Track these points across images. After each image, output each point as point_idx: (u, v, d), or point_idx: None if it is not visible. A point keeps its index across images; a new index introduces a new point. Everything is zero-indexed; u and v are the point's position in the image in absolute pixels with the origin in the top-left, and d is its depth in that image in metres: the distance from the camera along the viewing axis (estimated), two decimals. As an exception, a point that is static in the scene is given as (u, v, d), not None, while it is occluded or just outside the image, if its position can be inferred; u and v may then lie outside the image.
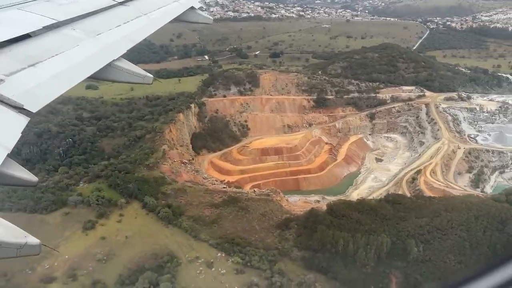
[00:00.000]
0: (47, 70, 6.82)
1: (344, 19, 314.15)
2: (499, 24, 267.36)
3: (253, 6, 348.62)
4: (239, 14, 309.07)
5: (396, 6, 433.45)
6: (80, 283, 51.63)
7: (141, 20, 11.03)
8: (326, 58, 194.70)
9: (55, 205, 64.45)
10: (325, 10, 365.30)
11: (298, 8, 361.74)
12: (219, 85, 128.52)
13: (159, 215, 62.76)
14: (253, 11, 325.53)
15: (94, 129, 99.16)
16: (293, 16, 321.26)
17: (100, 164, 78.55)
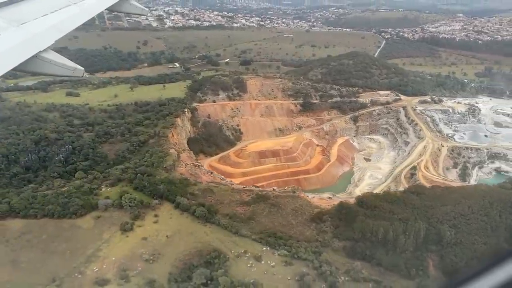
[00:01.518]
0: None
1: (303, 29, 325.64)
2: (445, 35, 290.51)
3: (213, 15, 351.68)
4: (201, 23, 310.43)
5: (347, 17, 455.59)
6: (134, 283, 51.20)
7: (71, 9, 10.45)
8: (296, 66, 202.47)
9: (84, 209, 62.86)
10: (283, 20, 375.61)
11: (256, 18, 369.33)
12: (207, 90, 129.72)
13: (195, 214, 63.28)
14: (214, 20, 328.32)
15: (92, 135, 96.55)
16: (254, 25, 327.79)
17: (117, 168, 77.01)
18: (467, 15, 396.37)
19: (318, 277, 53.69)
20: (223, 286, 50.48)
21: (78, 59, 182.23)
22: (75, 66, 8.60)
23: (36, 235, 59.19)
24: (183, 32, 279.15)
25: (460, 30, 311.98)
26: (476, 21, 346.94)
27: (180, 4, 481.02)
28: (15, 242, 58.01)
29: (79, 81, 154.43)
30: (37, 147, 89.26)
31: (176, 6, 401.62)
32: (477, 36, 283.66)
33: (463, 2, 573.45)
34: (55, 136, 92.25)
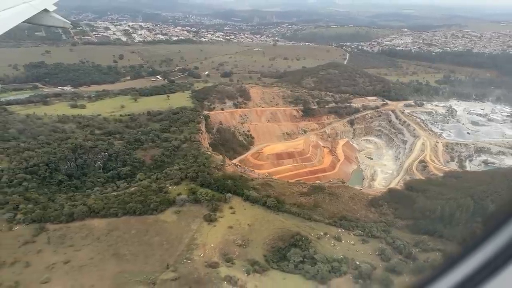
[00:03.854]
0: None
1: (269, 43, 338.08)
2: (400, 47, 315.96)
3: (178, 30, 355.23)
4: (169, 37, 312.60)
5: (302, 33, 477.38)
6: (240, 264, 55.85)
7: None
8: (274, 77, 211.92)
9: (163, 205, 66.26)
10: (246, 35, 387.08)
11: (220, 33, 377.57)
12: (213, 99, 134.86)
13: (266, 205, 68.76)
14: (181, 35, 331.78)
15: (122, 143, 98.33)
16: (221, 40, 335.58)
17: (172, 169, 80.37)
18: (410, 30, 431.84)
19: (394, 251, 61.42)
20: (320, 261, 56.64)
21: (59, 74, 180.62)
22: None
23: (124, 231, 61.73)
24: (155, 46, 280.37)
25: (412, 43, 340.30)
26: (423, 35, 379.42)
27: (129, 19, 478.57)
28: (106, 238, 60.29)
29: (76, 95, 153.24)
30: (74, 155, 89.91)
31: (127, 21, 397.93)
32: (429, 48, 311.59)
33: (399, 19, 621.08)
34: (90, 144, 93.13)
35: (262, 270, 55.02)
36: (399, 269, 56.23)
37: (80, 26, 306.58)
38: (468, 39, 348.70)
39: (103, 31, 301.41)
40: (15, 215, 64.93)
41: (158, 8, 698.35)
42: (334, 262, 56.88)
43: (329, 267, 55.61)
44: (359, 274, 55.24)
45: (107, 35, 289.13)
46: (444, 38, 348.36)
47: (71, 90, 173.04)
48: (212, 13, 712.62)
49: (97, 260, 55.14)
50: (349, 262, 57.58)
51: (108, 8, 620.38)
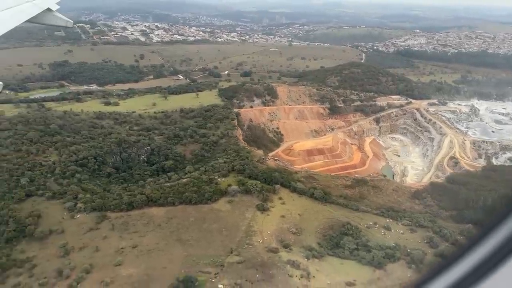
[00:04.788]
0: None
1: (284, 44, 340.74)
2: (415, 48, 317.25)
3: (194, 30, 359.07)
4: (186, 38, 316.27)
5: (315, 33, 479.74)
6: (297, 251, 58.47)
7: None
8: (294, 76, 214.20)
9: (216, 195, 69.13)
10: (260, 36, 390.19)
11: (235, 33, 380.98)
12: (242, 97, 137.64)
13: (313, 196, 71.39)
14: (196, 35, 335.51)
15: (162, 138, 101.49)
16: (237, 40, 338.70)
17: (217, 163, 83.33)
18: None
19: (441, 239, 63.77)
20: (374, 248, 59.13)
21: (84, 72, 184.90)
22: None
23: (183, 219, 64.64)
24: (173, 46, 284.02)
25: (427, 43, 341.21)
26: (436, 36, 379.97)
27: (140, 20, 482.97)
28: (167, 225, 63.25)
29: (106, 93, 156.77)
30: (119, 149, 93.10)
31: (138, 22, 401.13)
32: (444, 49, 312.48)
33: (409, 20, 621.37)
34: (133, 139, 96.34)
35: (320, 256, 57.64)
36: (447, 254, 58.59)
37: (98, 26, 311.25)
38: (482, 40, 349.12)
39: (121, 31, 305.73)
40: (75, 204, 68.19)
41: (167, 9, 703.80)
42: (387, 249, 59.38)
43: (383, 253, 58.11)
44: (411, 260, 57.72)
45: (126, 35, 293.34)
46: (458, 39, 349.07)
47: (97, 89, 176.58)
48: (221, 14, 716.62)
49: (163, 245, 58.05)
50: (401, 249, 60.04)
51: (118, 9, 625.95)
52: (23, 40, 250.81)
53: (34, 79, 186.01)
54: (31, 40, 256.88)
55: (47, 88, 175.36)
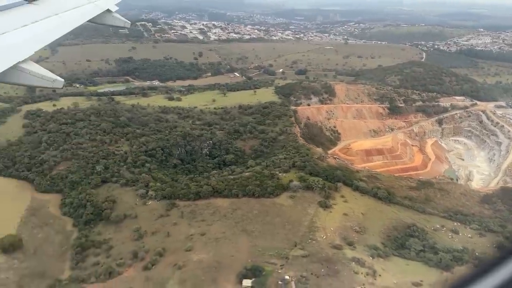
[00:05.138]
0: None
1: (339, 42, 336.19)
2: (479, 48, 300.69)
3: (249, 29, 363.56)
4: (241, 36, 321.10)
5: (372, 31, 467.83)
6: (361, 249, 58.38)
7: (53, 21, 10.49)
8: (351, 75, 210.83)
9: (278, 190, 70.49)
10: (315, 34, 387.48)
11: (290, 31, 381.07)
12: (299, 95, 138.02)
13: (377, 196, 70.71)
14: (252, 33, 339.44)
15: (223, 133, 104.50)
16: (291, 38, 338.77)
17: (278, 158, 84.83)
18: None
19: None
20: (441, 250, 57.73)
21: (147, 69, 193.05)
22: (55, 77, 8.52)
23: (247, 211, 66.57)
24: (229, 44, 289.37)
25: (492, 43, 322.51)
26: (502, 35, 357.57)
27: (196, 19, 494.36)
28: (232, 216, 65.45)
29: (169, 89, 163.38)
30: (184, 142, 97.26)
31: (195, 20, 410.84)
32: (510, 49, 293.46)
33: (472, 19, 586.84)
34: (197, 133, 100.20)
35: (385, 255, 57.25)
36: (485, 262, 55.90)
37: (159, 25, 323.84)
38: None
39: (180, 30, 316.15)
40: (147, 192, 72.42)
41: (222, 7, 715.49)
42: (455, 252, 57.80)
43: (450, 256, 56.66)
44: (481, 266, 55.70)
45: (185, 34, 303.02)
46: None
47: (159, 84, 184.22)
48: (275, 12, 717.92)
49: (229, 234, 60.25)
50: (470, 252, 58.23)
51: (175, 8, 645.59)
52: (91, 37, 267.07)
53: (101, 74, 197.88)
54: (98, 37, 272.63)
55: (113, 83, 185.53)
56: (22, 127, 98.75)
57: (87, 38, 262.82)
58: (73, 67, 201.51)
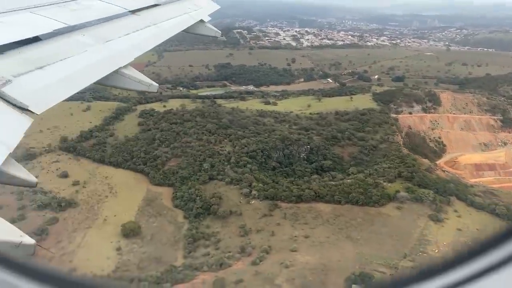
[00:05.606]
0: (54, 73, 6.80)
1: (439, 48, 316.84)
2: None
3: (343, 35, 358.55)
4: (334, 42, 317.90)
5: (476, 38, 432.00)
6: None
7: (151, 30, 11.08)
8: (455, 83, 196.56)
9: (383, 200, 68.53)
10: (413, 40, 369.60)
11: (385, 37, 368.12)
12: (400, 102, 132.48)
13: (495, 212, 65.25)
14: (345, 39, 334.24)
15: (320, 138, 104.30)
16: (387, 44, 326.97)
17: (381, 167, 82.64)
18: None
19: None
20: None
21: (243, 74, 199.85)
22: (151, 82, 9.04)
23: (351, 218, 65.80)
24: (322, 50, 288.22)
25: None
26: None
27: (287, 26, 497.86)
28: (335, 222, 65.18)
29: (264, 93, 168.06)
30: (282, 145, 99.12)
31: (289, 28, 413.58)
32: None
33: None
34: (295, 137, 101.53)
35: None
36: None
37: (254, 32, 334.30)
38: None
39: (274, 36, 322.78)
40: (250, 191, 75.16)
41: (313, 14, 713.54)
42: None
43: None
44: None
45: (278, 40, 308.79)
46: None
47: (254, 89, 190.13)
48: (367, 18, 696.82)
49: (333, 239, 60.13)
50: None
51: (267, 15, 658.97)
52: (193, 44, 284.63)
53: (202, 78, 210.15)
54: (199, 44, 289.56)
55: (212, 87, 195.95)
56: (137, 125, 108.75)
57: (189, 45, 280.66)
58: (177, 71, 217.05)
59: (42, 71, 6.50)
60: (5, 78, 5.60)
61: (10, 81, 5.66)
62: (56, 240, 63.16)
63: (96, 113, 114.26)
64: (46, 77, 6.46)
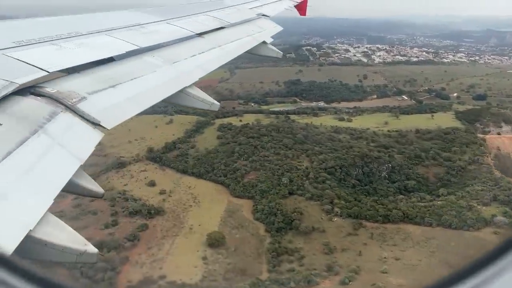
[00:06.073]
0: (125, 91, 7.01)
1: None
2: None
3: (416, 51, 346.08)
4: (408, 58, 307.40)
5: None
6: None
7: (215, 52, 11.33)
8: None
9: (479, 224, 63.98)
10: (493, 57, 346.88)
11: (462, 54, 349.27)
12: (487, 122, 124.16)
13: None
14: (419, 55, 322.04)
15: (402, 157, 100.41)
16: (465, 61, 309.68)
17: (473, 189, 77.62)
18: None
19: None
20: None
21: (313, 90, 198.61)
22: (213, 101, 9.30)
23: (444, 242, 62.03)
24: (395, 67, 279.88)
25: None
26: None
27: (355, 42, 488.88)
28: (426, 245, 61.86)
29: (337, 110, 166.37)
30: (361, 162, 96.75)
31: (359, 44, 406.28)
32: None
33: None
34: (375, 154, 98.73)
35: None
36: None
37: (323, 49, 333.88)
38: None
39: (344, 53, 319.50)
40: (332, 208, 73.89)
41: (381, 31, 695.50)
42: None
43: None
44: None
45: (348, 57, 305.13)
46: None
47: (324, 106, 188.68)
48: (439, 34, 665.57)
49: (426, 263, 56.96)
50: None
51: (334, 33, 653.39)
52: (262, 61, 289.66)
53: (272, 94, 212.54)
54: (268, 61, 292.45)
55: (282, 103, 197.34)
56: (216, 138, 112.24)
57: (259, 62, 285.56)
58: (248, 87, 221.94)
59: (114, 89, 6.88)
60: (80, 95, 5.93)
61: (85, 98, 5.99)
62: (147, 246, 66.33)
63: (178, 126, 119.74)
64: (117, 95, 6.81)
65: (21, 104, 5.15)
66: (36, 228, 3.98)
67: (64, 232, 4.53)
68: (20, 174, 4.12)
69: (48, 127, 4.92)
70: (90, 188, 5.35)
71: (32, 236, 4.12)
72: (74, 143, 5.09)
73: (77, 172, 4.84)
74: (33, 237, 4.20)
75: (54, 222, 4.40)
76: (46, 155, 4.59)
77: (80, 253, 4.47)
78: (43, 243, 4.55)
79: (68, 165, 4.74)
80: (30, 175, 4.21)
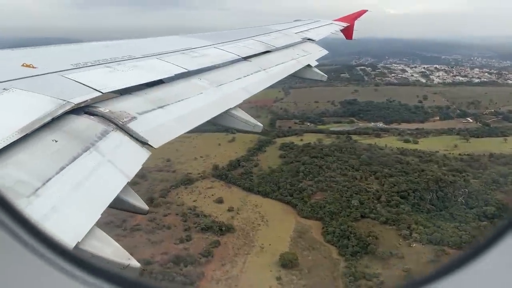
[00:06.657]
0: (172, 112, 7.32)
1: None
2: None
3: (477, 72, 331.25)
4: (469, 79, 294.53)
5: None
6: None
7: (260, 75, 11.50)
8: None
9: None
10: None
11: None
12: None
13: None
14: (482, 76, 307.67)
15: (478, 182, 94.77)
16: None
17: None
18: None
19: None
20: None
21: (371, 110, 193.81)
22: (256, 123, 9.34)
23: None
24: (455, 88, 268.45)
25: None
26: None
27: (407, 62, 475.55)
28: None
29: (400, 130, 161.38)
30: (436, 187, 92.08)
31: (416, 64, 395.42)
32: None
33: None
34: (450, 178, 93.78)
35: None
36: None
37: (378, 69, 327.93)
38: None
39: (400, 73, 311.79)
40: (410, 233, 70.36)
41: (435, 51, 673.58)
42: None
43: None
44: None
45: (405, 77, 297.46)
46: None
47: (384, 126, 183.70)
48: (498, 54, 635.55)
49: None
50: None
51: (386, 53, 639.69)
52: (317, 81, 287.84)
53: (328, 114, 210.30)
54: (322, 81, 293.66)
55: (339, 123, 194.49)
56: (278, 157, 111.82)
57: (313, 81, 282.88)
58: (303, 107, 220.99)
59: (162, 110, 7.19)
60: (131, 115, 6.17)
61: (135, 117, 6.26)
62: (221, 263, 66.14)
63: (240, 144, 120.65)
64: (165, 116, 7.11)
65: (76, 122, 5.42)
66: (83, 240, 4.19)
67: (110, 246, 4.70)
68: (71, 189, 4.28)
69: (99, 144, 5.15)
70: (136, 205, 5.51)
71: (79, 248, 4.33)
72: (123, 160, 5.27)
73: (124, 188, 5.04)
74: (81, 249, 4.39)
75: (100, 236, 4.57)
76: (96, 171, 4.78)
77: (124, 267, 4.64)
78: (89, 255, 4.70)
79: (116, 182, 4.91)
80: (81, 190, 4.38)
